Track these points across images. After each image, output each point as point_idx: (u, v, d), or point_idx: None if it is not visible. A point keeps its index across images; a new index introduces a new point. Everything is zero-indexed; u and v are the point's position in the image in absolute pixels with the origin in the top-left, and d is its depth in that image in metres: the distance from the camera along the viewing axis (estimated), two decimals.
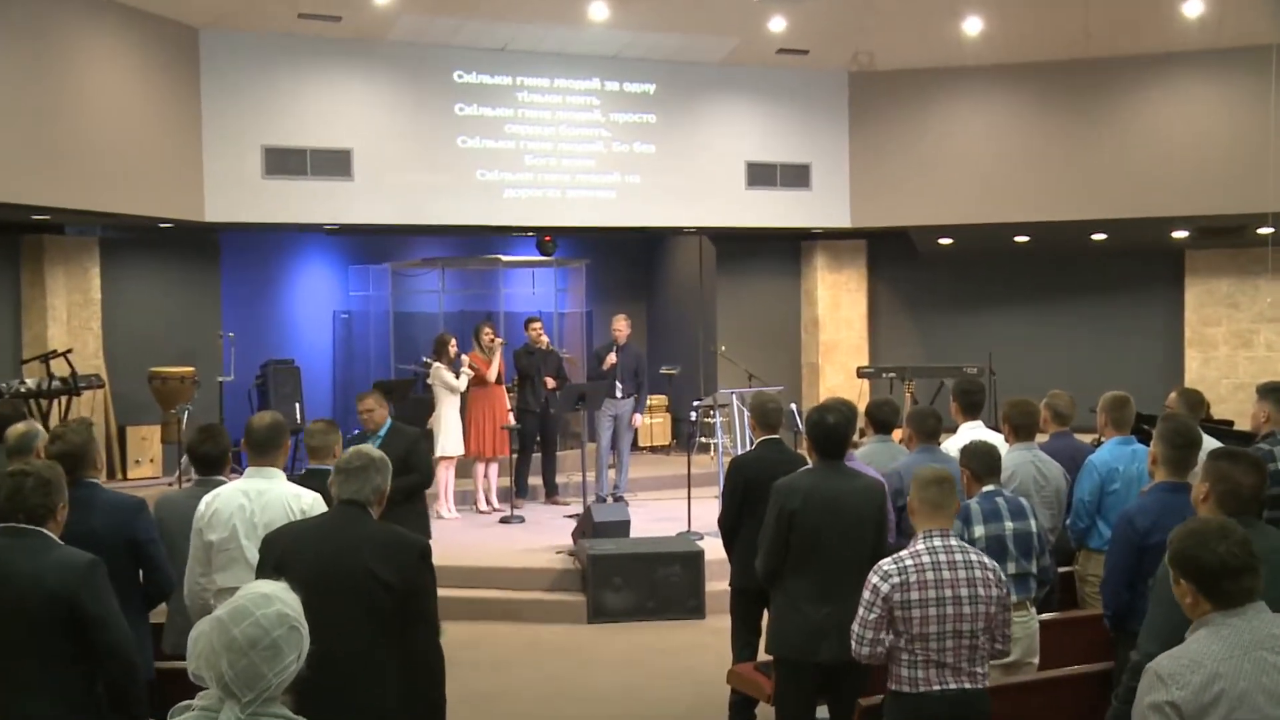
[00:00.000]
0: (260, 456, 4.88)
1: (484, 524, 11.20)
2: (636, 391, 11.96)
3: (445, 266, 14.21)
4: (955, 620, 4.15)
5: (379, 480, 4.03)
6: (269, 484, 4.82)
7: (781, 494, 5.02)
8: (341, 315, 15.04)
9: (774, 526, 5.00)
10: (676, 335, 16.18)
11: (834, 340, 15.32)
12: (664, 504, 11.89)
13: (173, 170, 11.55)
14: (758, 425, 6.23)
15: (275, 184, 12.16)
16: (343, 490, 3.99)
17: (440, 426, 11.27)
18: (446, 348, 11.39)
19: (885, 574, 4.20)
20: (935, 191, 13.87)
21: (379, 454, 4.08)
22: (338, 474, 4.02)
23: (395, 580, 3.85)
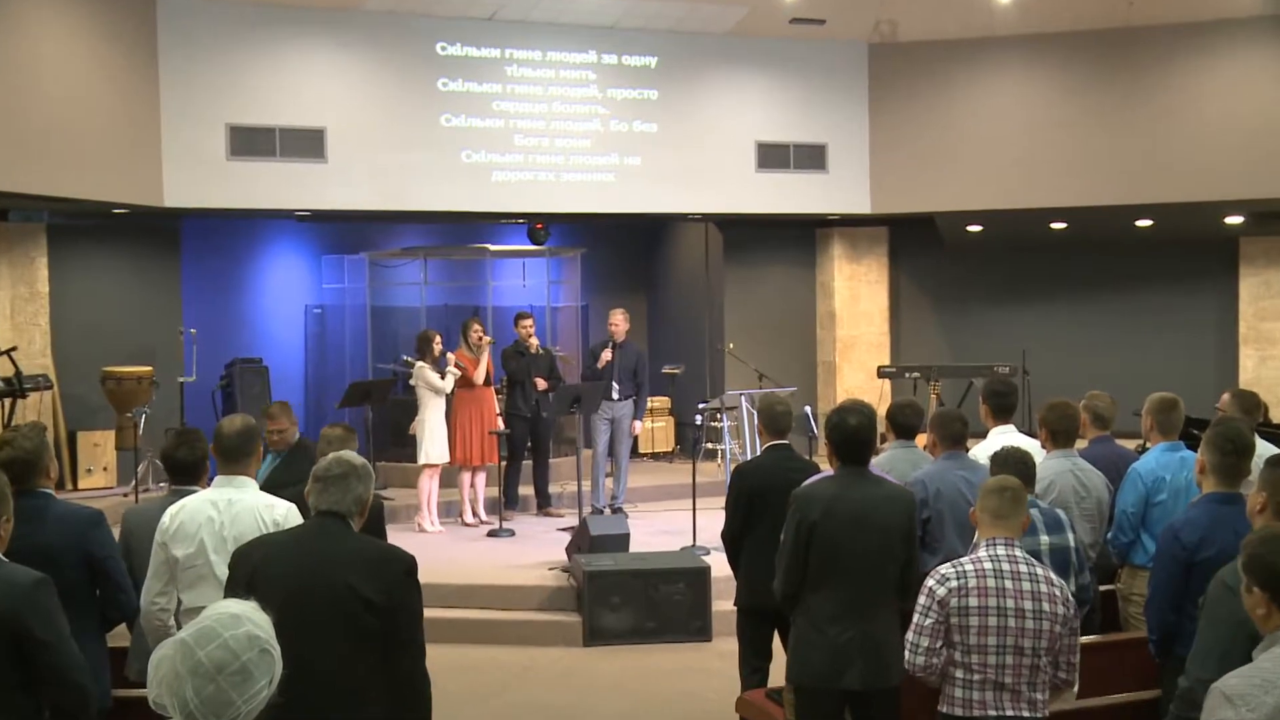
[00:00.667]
0: (230, 464, 4.87)
1: (470, 538, 11.22)
2: (636, 393, 11.98)
3: (428, 257, 14.23)
4: (1016, 635, 4.15)
5: (361, 489, 4.04)
6: (240, 494, 4.81)
7: (800, 504, 5.01)
8: (314, 310, 15.05)
9: (792, 540, 4.98)
10: (680, 332, 16.20)
11: (852, 337, 15.34)
12: (666, 516, 11.90)
13: (128, 150, 11.56)
14: (765, 430, 6.24)
15: (241, 166, 12.17)
16: (320, 500, 4.00)
17: (424, 432, 11.28)
18: (431, 346, 11.40)
19: (942, 578, 4.23)
20: (963, 174, 13.89)
21: (361, 461, 4.09)
22: (315, 483, 4.02)
23: (378, 598, 3.85)
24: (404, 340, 13.56)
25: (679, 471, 13.84)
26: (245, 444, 4.89)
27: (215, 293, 14.10)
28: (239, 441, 4.89)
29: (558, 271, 15.25)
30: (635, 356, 12.09)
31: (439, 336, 11.60)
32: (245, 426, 4.95)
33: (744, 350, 14.33)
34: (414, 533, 11.27)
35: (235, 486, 4.83)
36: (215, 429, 5.01)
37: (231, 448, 4.88)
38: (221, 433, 4.92)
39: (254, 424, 5.01)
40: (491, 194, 13.12)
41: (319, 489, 4.01)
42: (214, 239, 14.11)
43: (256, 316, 14.66)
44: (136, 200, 11.67)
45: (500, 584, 9.47)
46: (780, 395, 6.56)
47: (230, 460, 4.87)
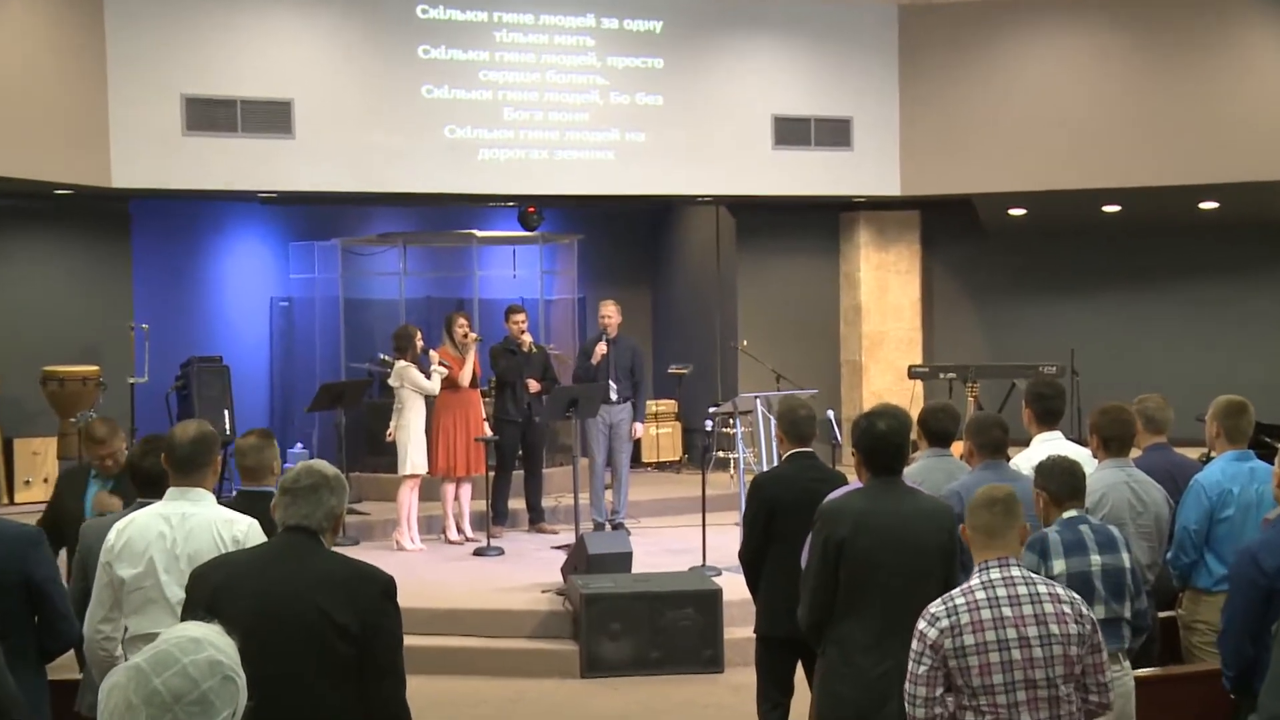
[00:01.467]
0: (183, 475, 4.87)
1: (454, 557, 11.22)
2: (633, 394, 11.99)
3: (407, 244, 14.23)
4: (1025, 666, 4.08)
5: (333, 502, 4.04)
6: (194, 508, 4.80)
7: (827, 520, 5.00)
8: (281, 303, 15.06)
9: (819, 560, 4.97)
10: (688, 328, 16.20)
11: (880, 333, 15.34)
12: (673, 532, 11.91)
13: (72, 125, 11.56)
14: (785, 436, 6.24)
15: (198, 142, 12.17)
16: (289, 514, 4.00)
17: (408, 438, 11.29)
18: (411, 342, 11.40)
19: (932, 618, 4.16)
20: (1004, 151, 13.88)
21: (333, 471, 4.09)
22: (283, 495, 4.02)
23: (353, 623, 3.84)
24: (381, 337, 13.53)
25: (686, 483, 13.82)
26: (201, 453, 4.88)
27: (170, 284, 14.10)
28: (193, 450, 4.87)
29: (552, 260, 15.25)
30: (631, 353, 12.09)
31: (420, 332, 11.60)
32: (201, 434, 4.93)
33: (759, 348, 14.33)
34: (392, 551, 11.26)
35: (190, 500, 4.82)
36: (167, 436, 5.01)
37: (185, 457, 4.86)
38: (174, 441, 4.91)
39: (211, 431, 5.00)
40: (478, 174, 13.12)
41: (286, 502, 4.01)
42: (168, 223, 14.11)
43: (216, 310, 14.67)
44: (81, 180, 11.68)
45: (488, 608, 9.45)
46: (801, 398, 6.54)
47: (184, 471, 4.86)
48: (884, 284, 15.36)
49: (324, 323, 14.55)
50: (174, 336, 13.59)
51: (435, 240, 14.95)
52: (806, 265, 15.39)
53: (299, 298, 14.98)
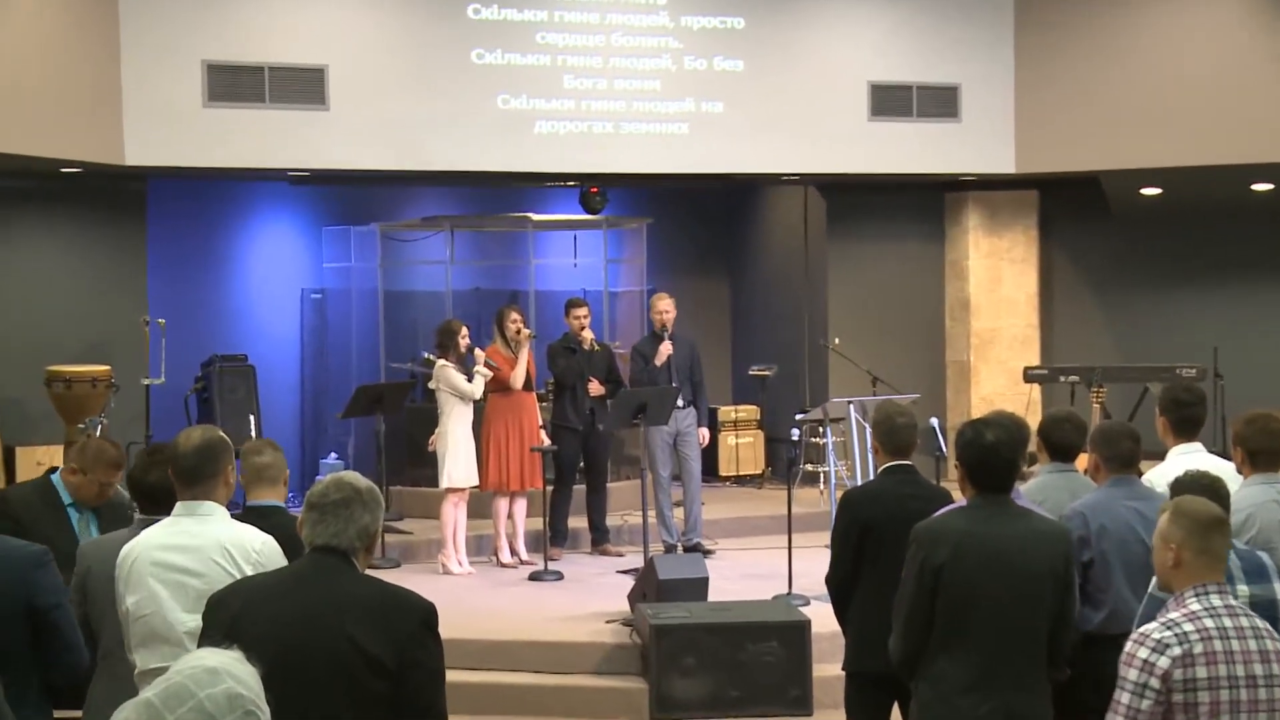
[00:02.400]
0: (189, 488, 4.82)
1: (507, 581, 11.26)
2: (694, 398, 12.01)
3: (454, 228, 14.29)
4: (1249, 709, 4.08)
5: (367, 519, 4.04)
6: (200, 526, 4.79)
7: (924, 542, 4.99)
8: (313, 295, 15.16)
9: (914, 588, 4.96)
10: (772, 324, 16.17)
11: (992, 330, 15.23)
12: (755, 556, 11.89)
13: (79, 95, 11.69)
14: (882, 447, 6.23)
15: (221, 115, 12.28)
16: (316, 533, 4.01)
17: (446, 447, 11.33)
18: (455, 339, 11.44)
19: (1159, 644, 4.09)
20: (1136, 122, 13.72)
21: (366, 483, 4.09)
22: (310, 511, 4.03)
23: (388, 656, 3.85)
24: (425, 333, 13.61)
25: (770, 499, 13.78)
26: (207, 462, 4.85)
27: (189, 274, 14.23)
28: (199, 460, 4.84)
29: (617, 247, 15.26)
30: (690, 351, 12.10)
31: (466, 329, 11.64)
32: (207, 441, 4.90)
33: (852, 347, 14.26)
34: (437, 574, 11.33)
35: (197, 516, 4.81)
36: (171, 445, 4.98)
37: (190, 468, 4.82)
38: (177, 449, 4.87)
39: (219, 436, 4.95)
40: (534, 149, 13.15)
41: (314, 519, 4.02)
42: (187, 206, 14.24)
43: (241, 303, 14.80)
44: (91, 157, 11.80)
45: (544, 640, 9.48)
46: (900, 404, 6.52)
47: (189, 482, 4.82)
48: (996, 274, 15.24)
49: (361, 317, 14.64)
50: (193, 333, 13.71)
51: (486, 224, 14.99)
52: (907, 253, 15.31)
53: (333, 289, 15.08)
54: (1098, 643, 5.63)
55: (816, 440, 13.77)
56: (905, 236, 15.31)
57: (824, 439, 12.70)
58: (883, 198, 15.10)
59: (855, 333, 14.71)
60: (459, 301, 14.09)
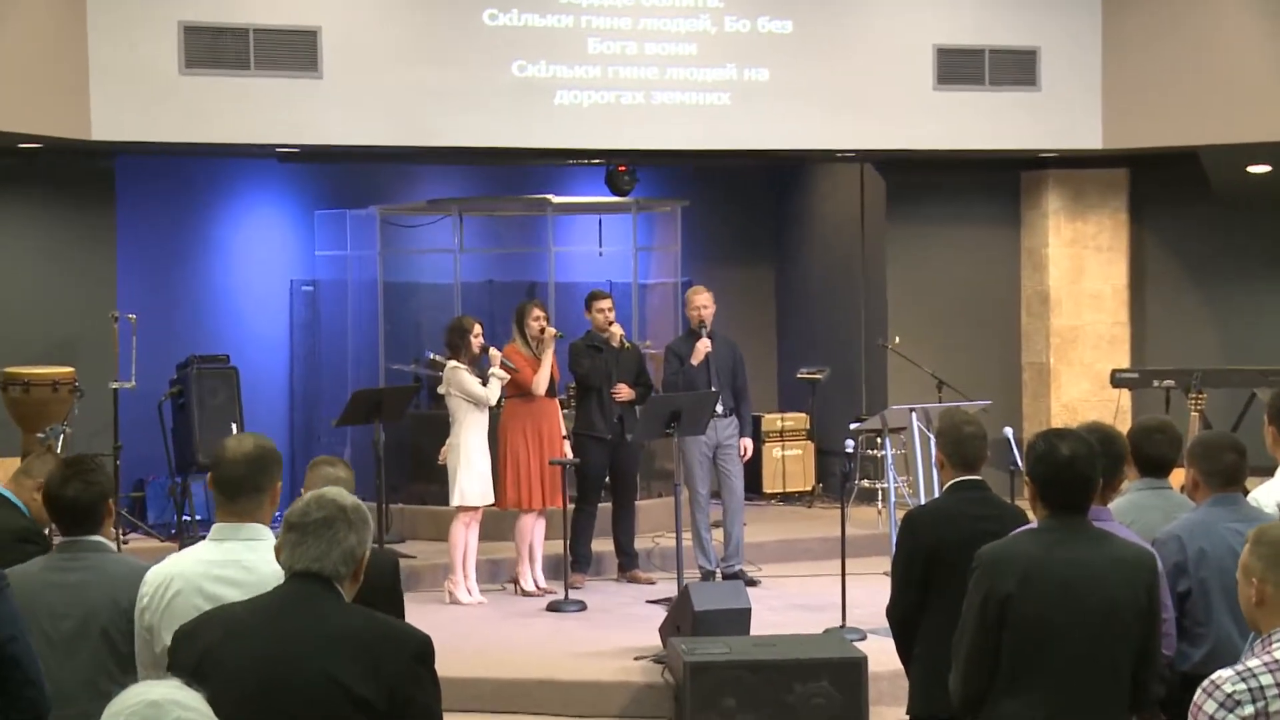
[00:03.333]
0: (232, 501, 4.74)
1: (523, 612, 11.29)
2: (736, 405, 11.99)
3: (464, 212, 14.28)
4: None
5: (352, 541, 4.02)
6: (252, 554, 4.70)
7: (988, 569, 4.98)
8: (304, 287, 15.19)
9: (976, 621, 4.95)
10: (824, 320, 16.16)
11: (1075, 327, 15.19)
12: (804, 584, 11.89)
13: (41, 63, 11.71)
14: (948, 460, 6.21)
15: (200, 83, 12.31)
16: (296, 557, 4.00)
17: (458, 460, 11.34)
18: (467, 338, 11.45)
19: (1229, 699, 4.01)
20: (1242, 89, 13.65)
21: (352, 500, 4.07)
22: (289, 532, 4.01)
23: (377, 696, 3.84)
24: (431, 330, 13.63)
25: (821, 520, 13.77)
26: (258, 474, 4.77)
27: (164, 263, 14.27)
28: (249, 470, 4.75)
29: (649, 233, 15.25)
30: (731, 352, 12.07)
31: (480, 326, 11.64)
32: (262, 450, 4.81)
33: (915, 347, 14.23)
34: (443, 604, 11.36)
35: (243, 540, 4.75)
36: (215, 452, 4.93)
37: (236, 480, 4.72)
38: (225, 458, 4.79)
39: (271, 447, 4.89)
40: (554, 123, 13.16)
41: (293, 541, 4.00)
42: (162, 187, 14.28)
43: (222, 297, 14.83)
44: (53, 131, 11.84)
45: (565, 679, 9.47)
46: (969, 412, 6.50)
47: (233, 495, 4.73)
48: (1079, 264, 15.20)
49: (358, 313, 14.65)
50: (169, 330, 13.75)
51: (500, 208, 14.99)
52: (978, 240, 15.29)
53: (326, 281, 15.11)
54: (1197, 684, 5.60)
55: (874, 453, 13.75)
56: (976, 221, 15.28)
57: (882, 451, 12.68)
58: (950, 177, 15.06)
59: (918, 331, 14.69)
60: (469, 295, 14.08)
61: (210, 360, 13.49)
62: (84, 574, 5.18)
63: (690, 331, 12.09)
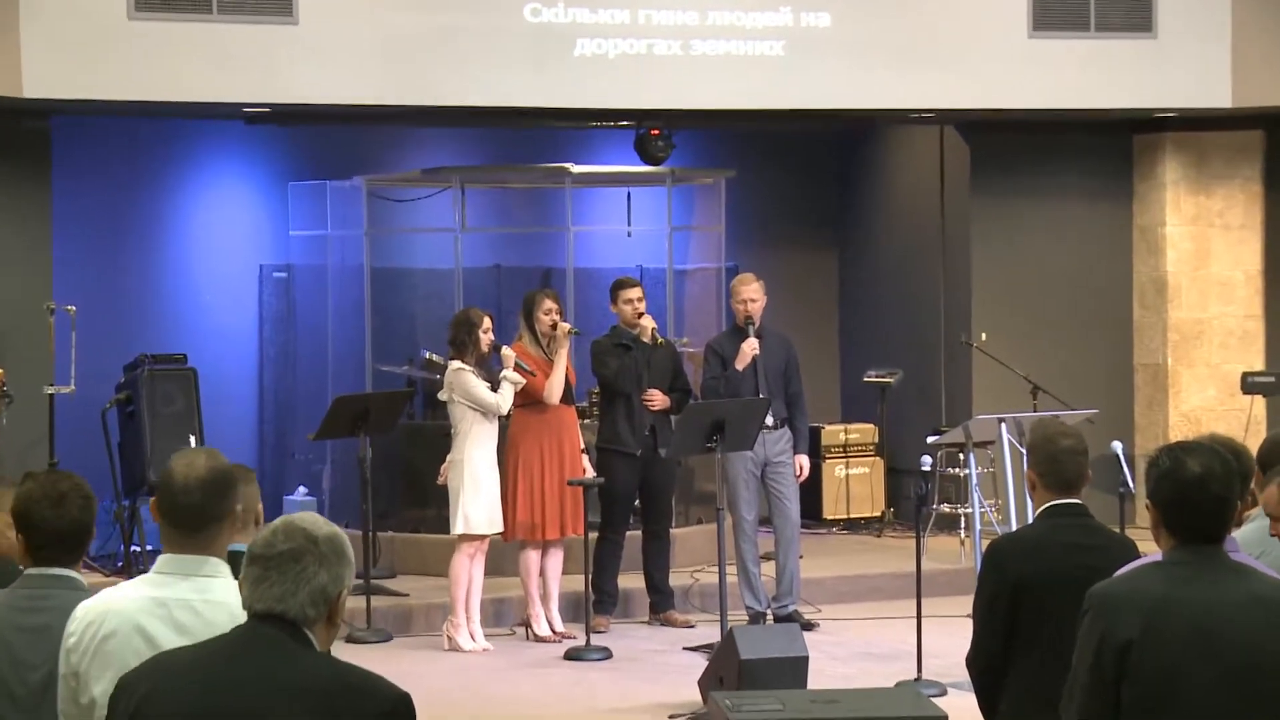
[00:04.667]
0: (191, 535, 4.78)
1: (537, 661, 11.30)
2: (790, 415, 11.96)
3: (466, 184, 14.27)
4: None
5: (324, 579, 4.00)
6: (207, 594, 4.72)
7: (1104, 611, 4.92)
8: (276, 274, 15.21)
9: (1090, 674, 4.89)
10: (895, 313, 16.14)
11: (1198, 321, 15.15)
12: (872, 628, 11.89)
13: None
14: (1041, 480, 6.17)
15: (152, 30, 12.33)
16: (257, 596, 3.98)
17: (462, 480, 11.34)
18: (475, 334, 11.42)
19: None
20: None
21: (327, 529, 4.05)
22: (250, 565, 4.00)
23: None
24: (426, 326, 13.65)
25: (892, 551, 13.75)
26: (213, 501, 4.77)
27: (109, 245, 14.29)
28: (204, 497, 4.78)
29: (686, 210, 15.24)
30: (784, 351, 12.02)
31: (489, 319, 11.62)
32: (214, 473, 4.80)
33: (1005, 345, 14.21)
34: (441, 651, 11.35)
35: (194, 578, 4.75)
36: (163, 473, 4.95)
37: (188, 509, 4.76)
38: (173, 483, 4.82)
39: (227, 466, 4.90)
40: (574, 78, 13.17)
41: (254, 576, 3.99)
42: (107, 154, 14.29)
43: (179, 285, 14.85)
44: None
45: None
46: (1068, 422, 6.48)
47: (193, 528, 4.75)
48: (1204, 245, 15.16)
49: (341, 304, 14.65)
50: (114, 325, 13.77)
51: (509, 179, 15.01)
52: (1081, 217, 15.26)
53: (303, 266, 15.14)
54: None
55: (956, 471, 13.74)
56: (1079, 195, 15.26)
57: (966, 470, 12.66)
58: (1048, 142, 15.05)
59: (1009, 326, 14.68)
60: (472, 283, 14.06)
61: (164, 360, 13.49)
62: (51, 616, 5.08)
63: (735, 328, 12.06)
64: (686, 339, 13.85)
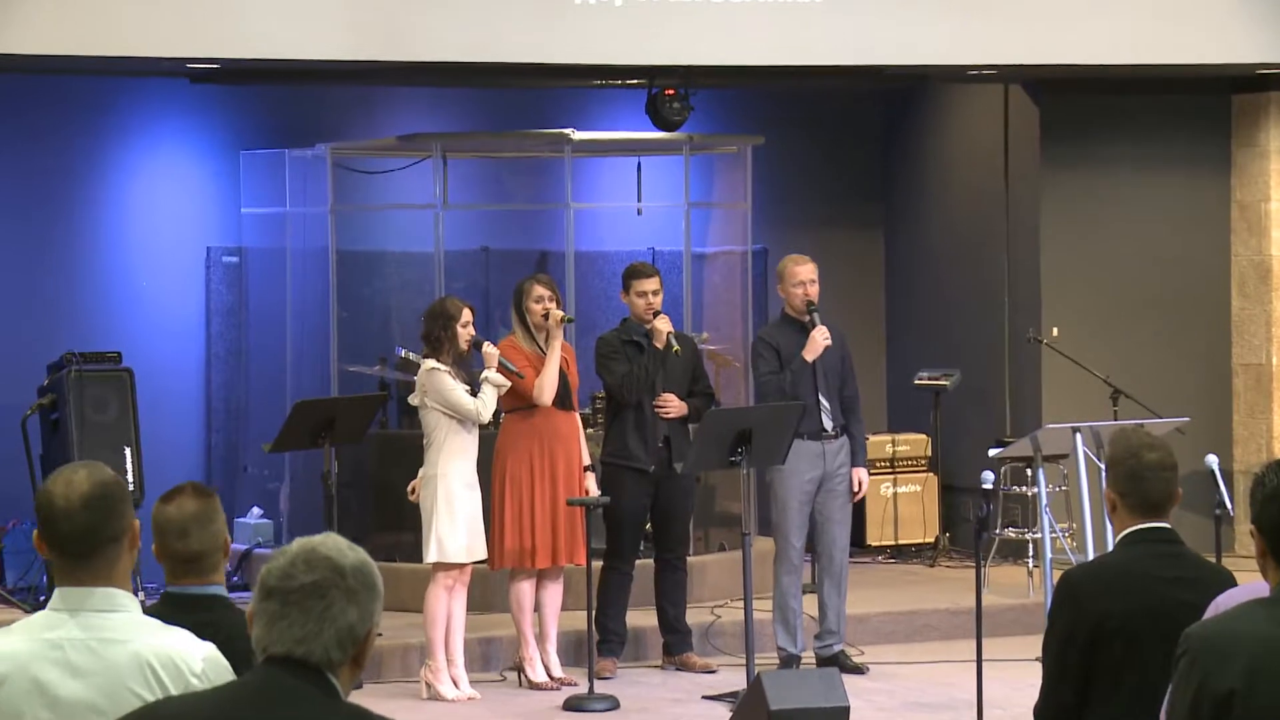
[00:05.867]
0: (80, 564, 4.81)
1: (532, 711, 11.32)
2: (847, 422, 11.95)
3: (449, 153, 14.28)
4: None
5: (353, 616, 3.97)
6: (104, 633, 4.72)
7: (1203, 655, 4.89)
8: (226, 258, 15.21)
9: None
10: (951, 304, 16.15)
11: None
12: (925, 673, 11.90)
13: None
14: (1122, 501, 6.13)
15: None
16: (274, 636, 3.94)
17: (436, 499, 11.33)
18: (453, 329, 11.42)
19: None
20: None
21: (355, 557, 4.02)
22: (265, 600, 3.95)
23: None
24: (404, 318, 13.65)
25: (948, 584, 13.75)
26: (103, 520, 4.78)
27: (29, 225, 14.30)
28: (90, 517, 4.79)
29: (706, 184, 15.23)
30: (840, 349, 11.98)
31: (470, 311, 11.62)
32: (99, 488, 4.80)
33: (1080, 342, 14.20)
34: (419, 700, 11.37)
35: (94, 614, 4.74)
36: (39, 494, 4.96)
37: (76, 532, 4.76)
38: (53, 506, 4.82)
39: (113, 478, 4.90)
40: (577, 29, 13.17)
41: (270, 613, 3.94)
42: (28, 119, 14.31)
43: (112, 272, 14.86)
44: None
45: None
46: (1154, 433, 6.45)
47: (80, 556, 4.77)
48: None
49: (302, 293, 14.69)
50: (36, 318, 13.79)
51: (499, 147, 15.00)
52: (1170, 191, 15.25)
53: (257, 249, 15.16)
54: None
55: (1022, 490, 13.72)
56: (1168, 165, 15.25)
57: (1034, 488, 12.64)
58: (1132, 104, 15.05)
59: (1085, 318, 14.68)
60: (457, 268, 14.10)
61: (95, 359, 13.50)
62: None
63: (787, 317, 11.96)
64: (706, 334, 13.84)
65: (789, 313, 11.99)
